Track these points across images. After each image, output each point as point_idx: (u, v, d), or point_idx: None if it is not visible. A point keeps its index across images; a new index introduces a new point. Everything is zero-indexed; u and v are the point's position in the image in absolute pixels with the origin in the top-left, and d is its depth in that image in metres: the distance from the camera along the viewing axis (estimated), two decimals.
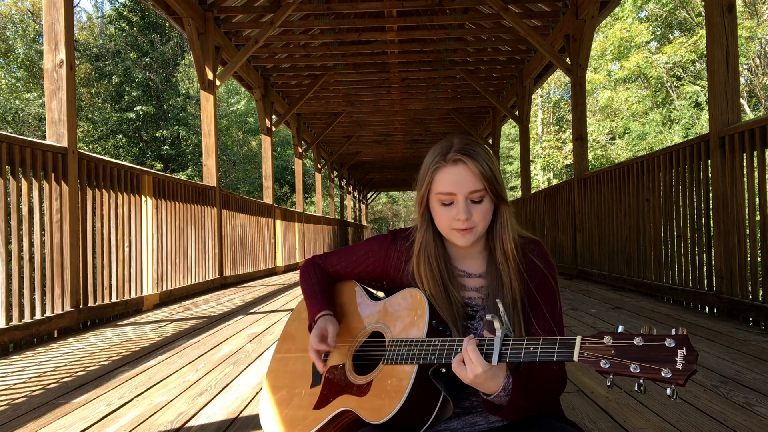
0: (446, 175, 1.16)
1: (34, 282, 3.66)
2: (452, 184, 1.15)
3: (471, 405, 1.19)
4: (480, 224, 1.16)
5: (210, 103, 7.36)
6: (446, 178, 1.16)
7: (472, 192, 1.15)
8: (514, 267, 1.19)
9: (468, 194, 1.15)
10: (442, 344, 1.08)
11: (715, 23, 3.95)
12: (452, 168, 1.15)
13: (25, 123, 23.95)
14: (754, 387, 2.20)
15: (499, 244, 1.20)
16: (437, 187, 1.17)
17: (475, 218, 1.15)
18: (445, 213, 1.17)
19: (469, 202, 1.15)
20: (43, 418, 2.04)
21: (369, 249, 1.33)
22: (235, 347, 3.29)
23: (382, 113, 14.28)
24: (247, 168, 30.87)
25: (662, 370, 0.85)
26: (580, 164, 7.22)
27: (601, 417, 1.92)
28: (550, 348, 0.96)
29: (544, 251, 1.24)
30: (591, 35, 7.22)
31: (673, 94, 21.52)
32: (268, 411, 1.32)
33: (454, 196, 1.15)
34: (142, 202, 5.22)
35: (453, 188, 1.15)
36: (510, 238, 1.19)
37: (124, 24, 25.47)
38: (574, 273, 7.36)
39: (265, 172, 10.72)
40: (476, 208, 1.16)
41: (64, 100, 4.02)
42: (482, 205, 1.16)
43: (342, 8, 8.02)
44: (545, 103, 30.08)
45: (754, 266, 3.64)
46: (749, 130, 3.64)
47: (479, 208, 1.16)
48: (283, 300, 5.78)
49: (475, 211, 1.15)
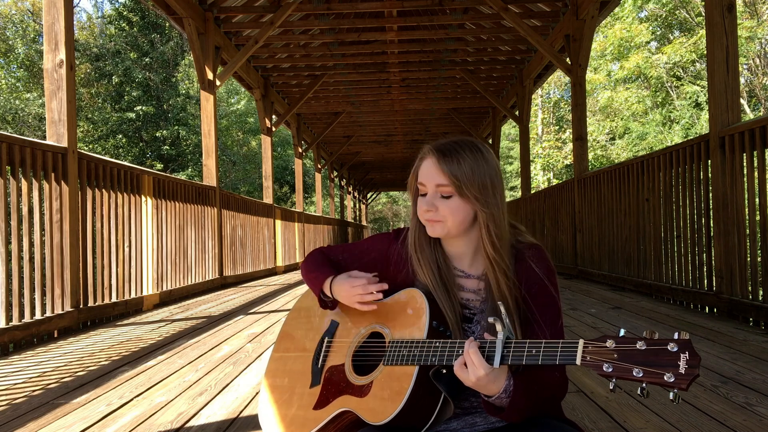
0: (423, 167, 1.21)
1: (34, 282, 3.66)
2: (424, 175, 1.20)
3: (471, 405, 1.19)
4: (449, 219, 1.17)
5: (210, 103, 7.36)
6: (422, 170, 1.21)
7: (438, 185, 1.17)
8: (501, 271, 1.17)
9: (435, 187, 1.18)
10: (443, 346, 1.08)
11: (715, 23, 3.95)
12: (428, 161, 1.21)
13: (25, 123, 23.95)
14: (754, 387, 2.20)
15: (481, 248, 1.20)
16: (418, 177, 1.22)
17: (441, 211, 1.17)
18: (419, 202, 1.21)
19: (438, 195, 1.18)
20: (43, 418, 2.03)
21: (372, 244, 1.35)
22: (235, 347, 3.29)
23: (382, 113, 14.28)
24: (247, 168, 30.87)
25: (665, 375, 0.85)
26: (580, 164, 7.23)
27: (601, 417, 1.92)
28: (552, 351, 0.95)
29: (544, 256, 1.22)
30: (591, 35, 7.22)
31: (673, 94, 21.52)
32: (268, 411, 1.31)
33: (424, 186, 1.20)
34: (142, 202, 5.22)
35: (424, 179, 1.20)
36: (490, 244, 1.17)
37: (124, 24, 25.47)
38: (574, 273, 7.36)
39: (265, 172, 10.72)
40: (444, 202, 1.17)
41: (64, 100, 4.02)
42: (451, 201, 1.17)
43: (342, 8, 8.02)
44: (545, 103, 30.08)
45: (754, 266, 3.64)
46: (749, 130, 3.64)
47: (447, 204, 1.17)
48: (283, 300, 5.78)
49: (441, 205, 1.17)
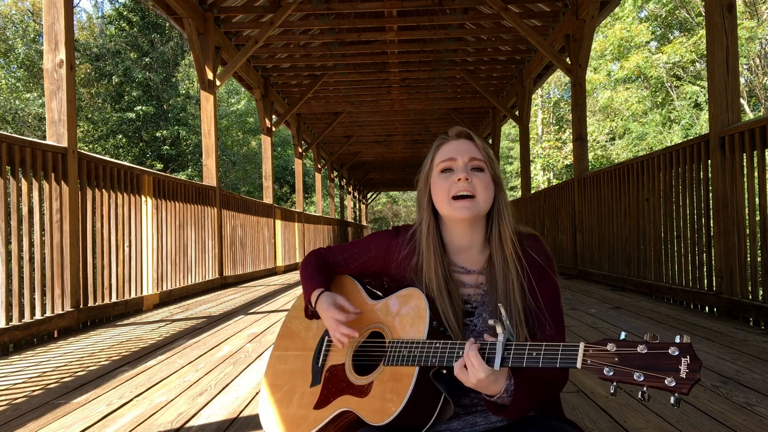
0: (449, 147, 1.19)
1: (34, 282, 3.66)
2: (454, 151, 1.18)
3: (471, 402, 1.19)
4: (481, 195, 1.16)
5: (210, 103, 7.36)
6: (449, 148, 1.19)
7: (473, 158, 1.16)
8: (513, 253, 1.18)
9: (469, 160, 1.16)
10: (444, 347, 1.08)
11: (715, 23, 3.95)
12: (455, 141, 1.19)
13: (25, 123, 23.94)
14: (754, 387, 2.20)
15: (496, 232, 1.19)
16: (439, 158, 1.19)
17: (475, 184, 1.15)
18: (444, 180, 1.17)
19: (470, 169, 1.16)
20: (43, 418, 2.03)
21: (372, 242, 1.34)
22: (235, 347, 3.29)
23: (382, 113, 14.28)
24: (247, 168, 30.87)
25: (666, 379, 0.85)
26: (580, 164, 7.23)
27: (601, 417, 1.92)
28: (553, 354, 0.95)
29: (543, 246, 1.23)
30: (591, 35, 7.22)
31: (673, 94, 21.52)
32: (268, 410, 1.31)
33: (454, 161, 1.17)
34: (142, 202, 5.21)
35: (454, 154, 1.17)
36: (508, 225, 1.19)
37: (124, 24, 25.47)
38: (574, 273, 7.35)
39: (265, 172, 10.72)
40: (477, 175, 1.16)
41: (64, 100, 4.02)
42: (483, 175, 1.16)
43: (342, 8, 8.02)
44: (545, 103, 30.07)
45: (754, 266, 3.64)
46: (749, 130, 3.63)
47: (480, 177, 1.16)
48: (283, 300, 5.78)
49: (475, 178, 1.16)
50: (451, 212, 1.17)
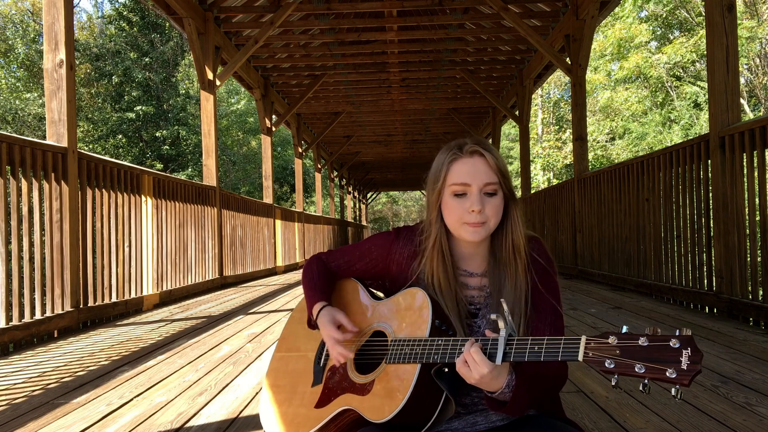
0: (462, 166, 1.17)
1: (34, 282, 3.66)
2: (468, 174, 1.16)
3: (472, 402, 1.20)
4: (492, 219, 1.17)
5: (210, 103, 7.36)
6: (462, 169, 1.17)
7: (487, 184, 1.16)
8: (523, 263, 1.19)
9: (483, 186, 1.16)
10: (445, 344, 1.08)
11: (715, 23, 3.95)
12: (468, 159, 1.17)
13: (25, 123, 23.95)
14: (754, 387, 2.20)
15: (508, 241, 1.20)
16: (452, 178, 1.17)
17: (487, 212, 1.16)
18: (458, 204, 1.17)
19: (483, 195, 1.16)
20: (43, 418, 2.03)
21: (373, 244, 1.34)
22: (235, 347, 3.29)
23: (382, 113, 14.28)
24: (247, 168, 30.87)
25: (667, 371, 0.85)
26: (580, 164, 7.23)
27: (601, 417, 1.92)
28: (554, 348, 0.96)
29: (544, 248, 1.25)
30: (591, 35, 7.22)
31: (673, 95, 21.52)
32: (269, 410, 1.31)
33: (468, 187, 1.16)
34: (142, 202, 5.21)
35: (468, 179, 1.16)
36: (520, 235, 1.20)
37: (124, 24, 25.47)
38: (574, 273, 7.36)
39: (265, 172, 10.72)
40: (489, 201, 1.16)
41: (64, 100, 4.02)
42: (495, 199, 1.17)
43: (342, 8, 8.02)
44: (545, 103, 30.07)
45: (754, 266, 3.64)
46: (749, 130, 3.64)
47: (492, 202, 1.16)
48: (283, 300, 5.78)
49: (487, 205, 1.16)
50: (462, 235, 1.18)
